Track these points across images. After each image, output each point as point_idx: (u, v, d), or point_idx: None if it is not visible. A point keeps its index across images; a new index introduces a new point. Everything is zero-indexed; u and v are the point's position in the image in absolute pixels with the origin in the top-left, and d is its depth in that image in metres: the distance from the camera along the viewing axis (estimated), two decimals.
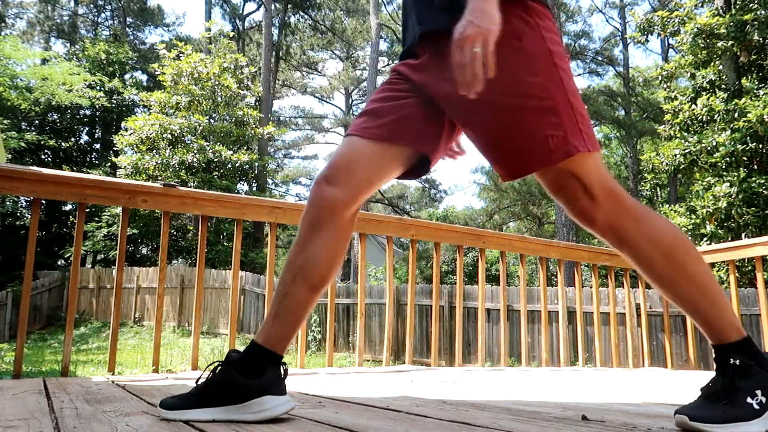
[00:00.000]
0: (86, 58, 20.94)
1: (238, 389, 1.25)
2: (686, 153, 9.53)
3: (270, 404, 1.25)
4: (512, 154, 1.18)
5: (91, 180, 2.50)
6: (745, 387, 1.12)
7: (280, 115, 31.22)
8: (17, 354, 2.28)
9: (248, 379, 1.26)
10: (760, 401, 1.11)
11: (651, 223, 1.19)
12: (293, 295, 1.30)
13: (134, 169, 14.67)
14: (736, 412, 1.09)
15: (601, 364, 4.23)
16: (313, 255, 1.28)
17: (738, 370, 1.13)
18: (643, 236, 1.18)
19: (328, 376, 2.53)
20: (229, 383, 1.26)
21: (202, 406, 1.26)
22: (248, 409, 1.25)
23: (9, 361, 7.78)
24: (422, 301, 10.08)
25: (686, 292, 1.18)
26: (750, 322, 7.19)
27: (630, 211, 1.19)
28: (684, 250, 1.18)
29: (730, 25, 9.50)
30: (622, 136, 23.13)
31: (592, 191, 1.18)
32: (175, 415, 1.26)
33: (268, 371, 1.27)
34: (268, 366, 1.28)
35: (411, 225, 3.32)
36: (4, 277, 15.70)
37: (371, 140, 1.26)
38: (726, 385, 1.13)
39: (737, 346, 1.16)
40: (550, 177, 1.21)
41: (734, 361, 1.14)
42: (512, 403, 1.64)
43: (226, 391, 1.26)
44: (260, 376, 1.26)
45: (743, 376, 1.12)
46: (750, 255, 3.55)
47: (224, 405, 1.25)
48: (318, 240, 1.28)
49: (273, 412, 1.25)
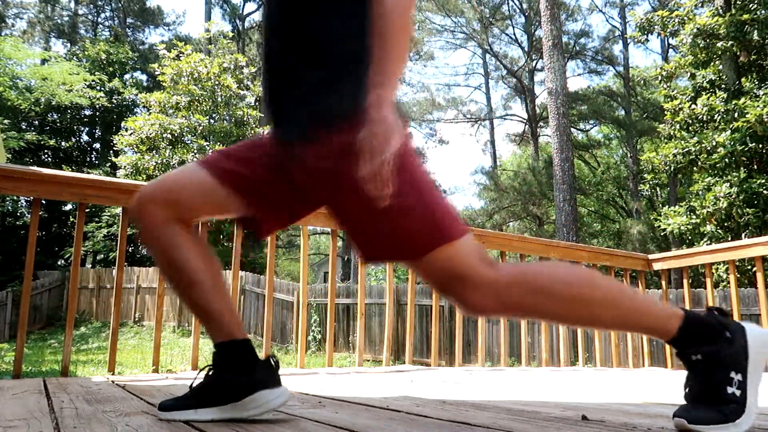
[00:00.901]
0: (86, 58, 20.95)
1: (231, 387, 1.26)
2: (685, 153, 9.53)
3: (265, 398, 1.26)
4: (371, 245, 1.18)
5: (91, 180, 2.50)
6: (720, 378, 1.11)
7: None
8: (17, 354, 2.28)
9: (239, 377, 1.26)
10: (737, 382, 1.11)
11: (540, 282, 1.15)
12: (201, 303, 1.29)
13: (134, 169, 14.67)
14: (729, 408, 1.09)
15: (601, 364, 4.23)
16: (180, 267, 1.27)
17: (704, 363, 1.13)
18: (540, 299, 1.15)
19: (328, 376, 2.53)
20: (222, 383, 1.27)
21: (200, 407, 1.27)
22: (245, 406, 1.25)
23: (9, 361, 7.78)
24: (422, 301, 10.08)
25: (607, 319, 1.16)
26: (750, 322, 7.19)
27: (514, 282, 1.16)
28: (581, 286, 1.15)
29: (730, 25, 9.50)
30: (622, 136, 23.12)
31: (471, 279, 1.15)
32: (174, 417, 1.27)
33: (257, 367, 1.28)
34: (249, 357, 1.28)
35: None
36: (4, 277, 15.70)
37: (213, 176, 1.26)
38: (703, 383, 1.12)
39: (686, 333, 1.14)
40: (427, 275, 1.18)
41: (696, 357, 1.13)
42: (512, 403, 1.64)
43: (220, 391, 1.27)
44: (252, 372, 1.27)
45: (712, 368, 1.12)
46: (750, 255, 3.55)
47: (221, 405, 1.26)
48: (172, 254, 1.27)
49: (269, 405, 1.26)
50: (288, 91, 1.22)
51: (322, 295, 11.76)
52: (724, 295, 7.53)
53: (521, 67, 25.25)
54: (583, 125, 24.13)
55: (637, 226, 18.77)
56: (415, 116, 29.53)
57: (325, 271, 26.17)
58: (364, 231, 1.18)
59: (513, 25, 25.38)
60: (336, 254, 3.29)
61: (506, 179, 22.83)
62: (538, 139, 23.96)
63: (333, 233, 3.22)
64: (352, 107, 1.13)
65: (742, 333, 1.16)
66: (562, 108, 12.99)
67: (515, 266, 1.21)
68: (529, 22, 24.15)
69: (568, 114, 13.52)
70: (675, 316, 1.15)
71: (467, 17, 25.59)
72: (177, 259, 1.27)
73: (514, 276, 1.17)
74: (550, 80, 13.17)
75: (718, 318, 1.17)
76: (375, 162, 1.05)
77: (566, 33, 23.61)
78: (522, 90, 24.93)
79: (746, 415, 1.09)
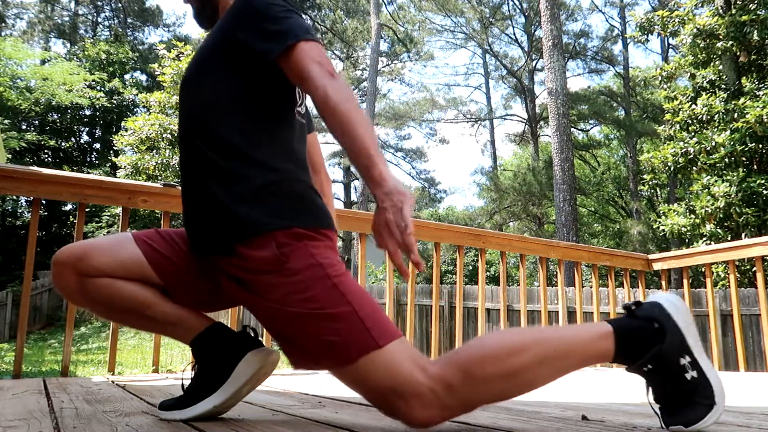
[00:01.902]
0: (86, 58, 20.95)
1: (219, 370, 1.27)
2: (684, 153, 9.53)
3: (252, 358, 1.26)
4: (299, 352, 1.16)
5: (91, 180, 2.50)
6: (675, 373, 1.09)
7: None
8: (17, 354, 2.28)
9: (222, 357, 1.27)
10: (688, 364, 1.09)
11: (475, 373, 1.06)
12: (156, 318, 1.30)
13: (134, 169, 14.67)
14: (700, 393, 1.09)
15: (601, 364, 4.23)
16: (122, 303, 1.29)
17: (655, 370, 1.10)
18: (483, 388, 1.07)
19: (328, 376, 2.53)
20: (208, 370, 1.28)
21: (198, 401, 1.27)
22: (238, 377, 1.26)
23: (9, 361, 7.77)
24: (422, 301, 10.08)
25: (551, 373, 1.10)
26: (750, 322, 7.19)
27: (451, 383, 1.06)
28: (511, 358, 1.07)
29: (730, 26, 9.50)
30: (622, 136, 23.12)
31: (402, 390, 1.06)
32: (176, 416, 1.26)
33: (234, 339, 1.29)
34: (230, 336, 1.30)
35: None
36: (4, 277, 15.70)
37: (141, 250, 1.28)
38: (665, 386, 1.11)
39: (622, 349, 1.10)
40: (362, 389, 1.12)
41: (647, 367, 1.11)
42: (512, 403, 1.64)
43: (210, 378, 1.27)
44: (230, 347, 1.28)
45: (663, 370, 1.10)
46: (750, 255, 3.56)
47: (216, 390, 1.26)
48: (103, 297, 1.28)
49: (259, 363, 1.27)
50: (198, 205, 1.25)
51: None
52: (724, 295, 7.53)
53: (521, 67, 25.25)
54: (583, 125, 24.12)
55: (637, 226, 18.77)
56: (415, 116, 29.54)
57: None
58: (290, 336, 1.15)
59: (513, 25, 25.38)
60: None
61: (506, 179, 22.83)
62: (538, 139, 23.95)
63: None
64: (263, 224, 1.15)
65: (662, 311, 1.12)
66: (562, 108, 12.99)
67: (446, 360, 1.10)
68: (529, 22, 24.15)
69: (568, 114, 13.52)
70: (604, 335, 1.11)
71: (467, 17, 25.59)
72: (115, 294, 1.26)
73: (456, 370, 1.07)
74: (550, 80, 13.17)
75: (638, 313, 1.13)
76: (399, 233, 1.05)
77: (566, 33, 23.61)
78: (522, 90, 24.93)
79: (714, 387, 1.09)
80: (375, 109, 22.62)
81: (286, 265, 1.14)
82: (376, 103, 22.90)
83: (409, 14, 26.75)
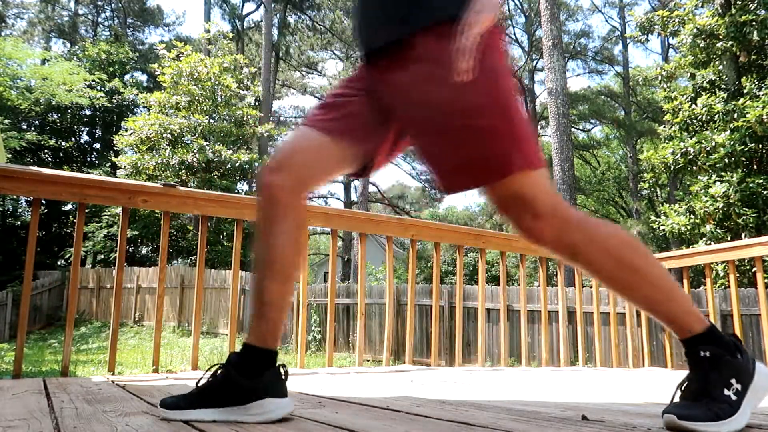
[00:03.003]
0: (86, 58, 20.96)
1: (238, 391, 1.26)
2: (684, 153, 9.54)
3: (270, 407, 1.25)
4: (452, 170, 1.18)
5: (91, 180, 2.50)
6: (721, 379, 1.13)
7: (281, 115, 31.23)
8: (17, 354, 2.28)
9: (248, 381, 1.26)
10: (736, 389, 1.12)
11: (599, 234, 1.20)
12: (269, 292, 1.32)
13: (134, 169, 14.68)
14: (720, 408, 1.10)
15: (601, 364, 4.23)
16: (274, 248, 1.30)
17: (710, 362, 1.14)
18: (593, 248, 1.19)
19: (328, 376, 2.53)
20: (229, 385, 1.26)
21: (203, 406, 1.26)
22: (249, 411, 1.25)
23: (9, 361, 7.78)
24: (422, 301, 10.08)
25: (641, 292, 1.19)
26: (750, 322, 7.19)
27: (576, 225, 1.20)
28: (633, 252, 1.19)
29: (730, 26, 9.50)
30: (622, 136, 23.12)
31: (536, 209, 1.18)
32: (176, 415, 1.26)
33: (266, 373, 1.28)
34: (265, 366, 1.29)
35: (411, 225, 3.32)
36: (4, 277, 15.70)
37: (319, 132, 1.29)
38: (703, 380, 1.13)
39: (704, 337, 1.17)
40: (494, 196, 1.21)
41: (704, 353, 1.15)
42: (512, 403, 1.64)
43: (226, 393, 1.26)
44: (259, 377, 1.27)
45: (716, 368, 1.13)
46: (750, 255, 3.55)
47: (225, 406, 1.26)
48: (275, 232, 1.29)
49: (273, 414, 1.25)
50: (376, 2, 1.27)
51: (322, 295, 11.76)
52: (724, 295, 7.53)
53: (521, 67, 25.25)
54: (583, 125, 24.12)
55: (637, 226, 18.78)
56: None
57: (325, 271, 26.16)
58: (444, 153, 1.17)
59: (513, 24, 25.39)
60: (336, 254, 3.29)
61: None
62: (538, 139, 23.98)
63: (333, 233, 3.22)
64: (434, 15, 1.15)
65: (753, 363, 1.18)
66: (562, 108, 12.99)
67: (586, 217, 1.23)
68: (529, 22, 24.16)
69: (568, 114, 13.52)
70: (700, 321, 1.18)
71: None
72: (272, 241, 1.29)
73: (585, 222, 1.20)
74: (550, 80, 13.17)
75: (737, 342, 1.19)
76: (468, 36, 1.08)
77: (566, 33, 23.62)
78: (522, 90, 24.93)
79: (737, 417, 1.10)
80: None
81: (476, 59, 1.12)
82: None
83: None
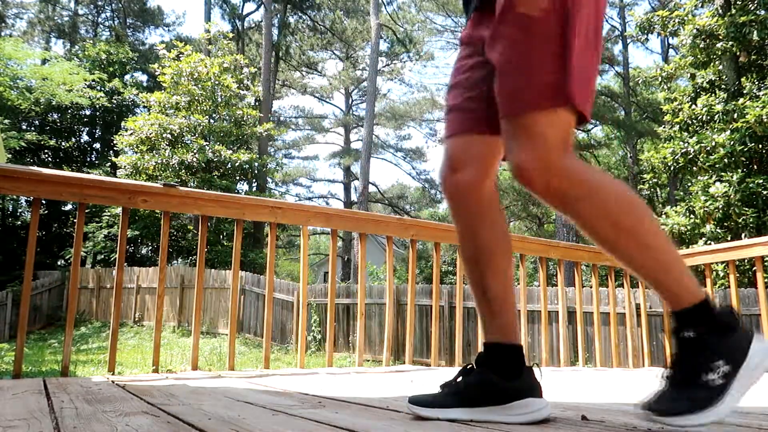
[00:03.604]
0: (86, 58, 20.96)
1: (498, 391, 1.23)
2: (684, 153, 9.54)
3: (534, 407, 1.22)
4: (512, 93, 1.14)
5: (91, 180, 2.50)
6: (705, 363, 1.06)
7: (280, 115, 31.23)
8: (17, 354, 2.28)
9: (508, 381, 1.23)
10: (723, 372, 1.05)
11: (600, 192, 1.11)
12: (492, 289, 1.30)
13: (134, 169, 14.68)
14: (699, 396, 1.04)
15: (601, 364, 4.23)
16: (482, 244, 1.30)
17: (693, 343, 1.08)
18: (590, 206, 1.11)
19: (328, 376, 2.53)
20: (488, 385, 1.24)
21: (461, 406, 1.24)
22: (511, 411, 1.21)
23: (9, 361, 7.78)
24: (422, 301, 10.08)
25: (642, 260, 1.11)
26: (750, 322, 7.19)
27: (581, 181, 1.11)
28: (632, 215, 1.11)
29: (730, 26, 9.51)
30: (622, 137, 23.13)
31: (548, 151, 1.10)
32: (433, 413, 1.23)
33: (525, 373, 1.26)
34: (522, 363, 1.27)
35: (411, 225, 3.33)
36: (4, 277, 15.70)
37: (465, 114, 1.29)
38: (684, 365, 1.08)
39: (692, 312, 1.09)
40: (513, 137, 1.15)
41: (687, 334, 1.09)
42: None
43: (485, 393, 1.24)
44: (519, 377, 1.24)
45: (699, 350, 1.07)
46: (750, 255, 3.55)
47: (484, 406, 1.23)
48: (478, 228, 1.29)
49: (537, 415, 1.21)
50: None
51: (322, 295, 11.76)
52: (724, 295, 7.53)
53: None
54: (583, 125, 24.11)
55: None
56: (415, 116, 29.54)
57: (325, 271, 26.18)
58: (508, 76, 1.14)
59: None
60: (336, 254, 3.29)
61: (506, 179, 22.81)
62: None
63: (333, 233, 3.22)
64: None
65: (748, 338, 1.10)
66: None
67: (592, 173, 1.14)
68: None
69: None
70: (695, 294, 1.10)
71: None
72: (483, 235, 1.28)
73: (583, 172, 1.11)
74: None
75: (731, 315, 1.11)
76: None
77: None
78: None
79: (717, 406, 1.03)
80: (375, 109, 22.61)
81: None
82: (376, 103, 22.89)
83: (409, 14, 26.75)
